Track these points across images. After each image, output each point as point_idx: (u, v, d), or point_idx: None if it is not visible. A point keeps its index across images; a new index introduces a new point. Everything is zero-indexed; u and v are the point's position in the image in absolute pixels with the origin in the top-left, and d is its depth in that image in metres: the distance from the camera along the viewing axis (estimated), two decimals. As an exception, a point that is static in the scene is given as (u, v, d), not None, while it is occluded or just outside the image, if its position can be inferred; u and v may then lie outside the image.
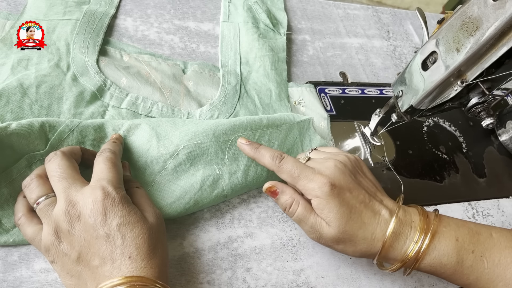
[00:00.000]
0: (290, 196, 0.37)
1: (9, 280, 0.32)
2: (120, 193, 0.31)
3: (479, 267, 0.36)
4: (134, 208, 0.31)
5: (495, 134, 0.61)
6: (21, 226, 0.32)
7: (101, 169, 0.32)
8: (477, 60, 0.37)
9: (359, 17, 0.67)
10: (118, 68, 0.44)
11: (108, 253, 0.29)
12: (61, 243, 0.30)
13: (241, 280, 0.38)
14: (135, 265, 0.29)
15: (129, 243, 0.29)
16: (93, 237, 0.29)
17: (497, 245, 0.37)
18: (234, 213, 0.42)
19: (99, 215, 0.29)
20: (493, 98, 0.40)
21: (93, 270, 0.29)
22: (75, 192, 0.30)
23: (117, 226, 0.29)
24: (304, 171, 0.37)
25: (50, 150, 0.35)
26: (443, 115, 0.60)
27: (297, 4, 0.63)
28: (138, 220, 0.30)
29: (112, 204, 0.29)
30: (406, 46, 0.67)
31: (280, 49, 0.53)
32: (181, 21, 0.54)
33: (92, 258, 0.29)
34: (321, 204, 0.36)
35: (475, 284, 0.37)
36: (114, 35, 0.48)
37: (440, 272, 0.37)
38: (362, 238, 0.36)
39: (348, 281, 0.42)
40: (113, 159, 0.33)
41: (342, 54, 0.61)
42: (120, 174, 0.33)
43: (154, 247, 0.31)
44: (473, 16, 0.35)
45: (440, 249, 0.36)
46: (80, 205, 0.29)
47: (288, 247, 0.42)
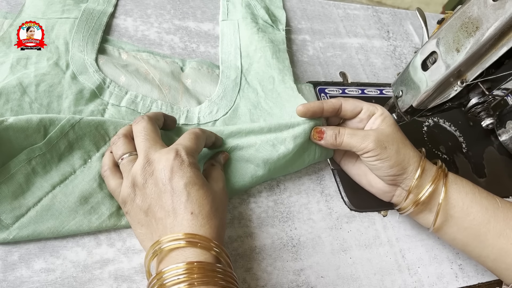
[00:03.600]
0: (334, 127, 0.42)
1: (9, 280, 0.32)
2: (190, 158, 0.33)
3: (494, 202, 0.40)
4: (201, 174, 0.34)
5: (495, 134, 0.61)
6: (106, 178, 0.36)
7: (183, 137, 0.35)
8: (477, 60, 0.37)
9: (359, 17, 0.67)
10: (116, 66, 0.44)
11: (172, 207, 0.31)
12: (136, 195, 0.33)
13: (241, 280, 0.38)
14: (195, 221, 0.31)
15: (193, 201, 0.31)
16: (162, 191, 0.32)
17: (503, 199, 0.41)
18: (234, 213, 0.42)
19: (168, 172, 0.32)
20: (493, 98, 0.41)
21: (158, 222, 0.32)
22: (153, 151, 0.33)
23: (184, 185, 0.31)
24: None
25: (48, 144, 0.35)
26: (443, 115, 0.60)
27: (297, 4, 0.63)
28: (204, 184, 0.33)
29: (181, 164, 0.32)
30: (406, 46, 0.67)
31: (280, 42, 0.53)
32: (181, 21, 0.54)
33: (158, 210, 0.32)
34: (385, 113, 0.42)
35: (494, 222, 0.39)
36: (114, 35, 0.48)
37: (464, 194, 0.40)
38: (410, 144, 0.41)
39: (348, 281, 0.42)
40: (198, 133, 0.36)
41: (342, 54, 0.61)
42: (199, 147, 0.36)
43: (216, 210, 0.33)
44: (473, 16, 0.35)
45: (457, 175, 0.41)
46: (155, 163, 0.32)
47: (288, 247, 0.42)
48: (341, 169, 0.48)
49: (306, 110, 0.41)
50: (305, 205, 0.45)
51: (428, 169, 0.41)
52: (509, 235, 0.38)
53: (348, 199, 0.47)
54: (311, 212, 0.45)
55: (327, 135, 0.41)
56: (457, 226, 0.40)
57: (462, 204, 0.39)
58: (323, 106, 0.42)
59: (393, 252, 0.45)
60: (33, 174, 0.35)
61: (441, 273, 0.46)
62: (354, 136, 0.40)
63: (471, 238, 0.40)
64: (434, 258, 0.46)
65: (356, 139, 0.40)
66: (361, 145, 0.40)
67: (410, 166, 0.40)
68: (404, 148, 0.40)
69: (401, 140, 0.40)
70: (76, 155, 0.37)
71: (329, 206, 0.46)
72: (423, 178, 0.40)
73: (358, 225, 0.46)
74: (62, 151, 0.36)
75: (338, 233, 0.44)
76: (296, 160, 0.45)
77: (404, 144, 0.40)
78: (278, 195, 0.44)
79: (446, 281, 0.45)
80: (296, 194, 0.45)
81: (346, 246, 0.44)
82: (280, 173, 0.45)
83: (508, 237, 0.38)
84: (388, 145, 0.39)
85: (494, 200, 0.40)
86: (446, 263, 0.47)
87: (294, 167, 0.45)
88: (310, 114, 0.41)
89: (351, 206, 0.46)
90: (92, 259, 0.35)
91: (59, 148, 0.36)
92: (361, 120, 0.43)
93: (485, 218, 0.39)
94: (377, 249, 0.45)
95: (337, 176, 0.48)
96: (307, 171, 0.47)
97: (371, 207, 0.47)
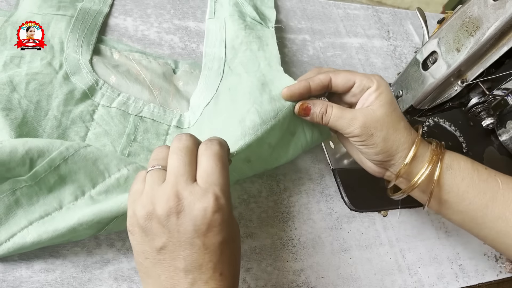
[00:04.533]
0: (321, 104, 0.38)
1: (9, 280, 0.32)
2: (229, 205, 0.28)
3: (494, 184, 0.37)
4: (235, 221, 0.30)
5: (495, 134, 0.61)
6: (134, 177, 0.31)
7: (212, 169, 0.28)
8: (477, 60, 0.37)
9: (359, 17, 0.67)
10: (107, 66, 0.44)
11: (199, 264, 0.27)
12: (150, 222, 0.27)
13: (241, 280, 0.38)
14: (224, 283, 0.27)
15: (224, 261, 0.28)
16: (188, 242, 0.27)
17: (507, 176, 0.39)
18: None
19: (204, 226, 0.26)
20: (493, 98, 0.40)
21: (173, 269, 0.27)
22: (184, 184, 0.27)
23: (219, 243, 0.27)
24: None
25: (33, 178, 0.32)
26: (443, 115, 0.60)
27: (297, 4, 0.63)
28: (236, 236, 0.29)
29: (221, 218, 0.27)
30: (406, 46, 0.67)
31: (268, 37, 0.50)
32: (181, 21, 0.53)
33: (177, 258, 0.27)
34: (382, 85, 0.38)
35: (492, 206, 0.37)
36: (114, 35, 0.48)
37: (460, 179, 0.38)
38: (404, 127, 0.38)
39: (348, 281, 0.42)
40: (223, 158, 0.29)
41: (342, 54, 0.61)
42: (228, 175, 0.30)
43: (239, 263, 0.30)
44: (473, 16, 0.35)
45: (456, 155, 0.39)
46: (185, 203, 0.27)
47: (288, 247, 0.42)
48: (342, 169, 0.48)
49: (291, 93, 0.38)
50: (305, 205, 0.45)
51: (421, 155, 0.38)
52: (508, 218, 0.36)
53: (348, 199, 0.46)
54: (311, 212, 0.44)
55: (314, 114, 0.38)
56: (452, 209, 0.39)
57: (457, 190, 0.38)
58: (310, 86, 0.38)
59: (393, 252, 0.45)
60: (15, 205, 0.33)
61: (441, 273, 0.46)
62: (340, 119, 0.37)
63: (467, 220, 0.39)
64: (434, 258, 0.46)
65: (342, 122, 0.37)
66: (346, 129, 0.37)
67: (399, 153, 0.37)
68: (395, 133, 0.37)
69: (392, 124, 0.37)
70: (68, 189, 0.34)
71: (329, 206, 0.46)
72: (413, 165, 0.38)
73: (358, 225, 0.46)
74: (52, 184, 0.33)
75: (338, 233, 0.44)
76: (285, 146, 0.42)
77: (395, 129, 0.37)
78: (278, 195, 0.44)
79: (446, 281, 0.45)
80: (296, 194, 0.45)
81: (346, 246, 0.44)
82: (270, 164, 0.43)
83: (507, 220, 0.37)
84: (375, 132, 0.37)
85: (495, 182, 0.38)
86: (446, 263, 0.46)
87: (288, 155, 0.43)
88: (296, 97, 0.38)
89: (351, 206, 0.46)
90: (92, 259, 0.35)
91: (48, 181, 0.33)
92: (354, 94, 0.39)
93: (483, 203, 0.37)
94: (377, 249, 0.45)
95: (337, 176, 0.48)
96: (307, 171, 0.47)
97: (371, 207, 0.47)
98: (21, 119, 0.37)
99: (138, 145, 0.41)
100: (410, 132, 0.38)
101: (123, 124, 0.41)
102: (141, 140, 0.42)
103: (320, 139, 0.43)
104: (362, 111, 0.37)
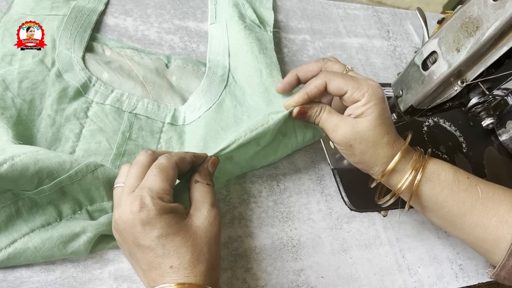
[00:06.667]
0: (316, 106, 0.40)
1: (9, 280, 0.32)
2: (158, 204, 0.30)
3: (474, 194, 0.38)
4: (174, 217, 0.30)
5: (495, 134, 0.61)
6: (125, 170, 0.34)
7: (148, 176, 0.31)
8: (477, 60, 0.37)
9: (359, 17, 0.67)
10: (99, 62, 0.44)
11: (151, 261, 0.29)
12: (115, 232, 0.32)
13: (241, 280, 0.38)
14: (177, 274, 0.29)
15: (170, 253, 0.29)
16: (136, 244, 0.30)
17: (489, 184, 0.39)
18: (234, 213, 0.42)
19: (138, 227, 0.29)
20: (493, 98, 0.40)
21: (141, 270, 0.31)
22: (126, 194, 0.31)
23: (156, 238, 0.29)
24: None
25: (38, 194, 0.32)
26: (443, 115, 0.60)
27: (297, 4, 0.63)
28: (179, 230, 0.30)
29: (147, 216, 0.29)
30: (406, 46, 0.67)
31: (267, 41, 0.51)
32: (181, 21, 0.53)
33: (140, 261, 0.30)
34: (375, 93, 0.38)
35: (470, 214, 0.38)
36: (114, 34, 0.48)
37: (439, 190, 0.38)
38: (386, 142, 0.38)
39: (348, 281, 0.42)
40: (162, 165, 0.32)
41: (342, 54, 0.61)
42: (169, 179, 0.32)
43: (199, 254, 0.30)
44: (473, 16, 0.35)
45: (439, 165, 0.39)
46: (121, 210, 0.30)
47: (288, 247, 0.42)
48: (342, 169, 0.48)
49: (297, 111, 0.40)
50: (305, 205, 0.45)
51: (400, 169, 0.39)
52: (486, 226, 0.38)
53: (348, 199, 0.47)
54: (311, 212, 0.45)
55: (310, 115, 0.40)
56: (432, 214, 0.41)
57: (436, 200, 0.39)
58: (309, 97, 0.40)
59: (393, 252, 0.45)
60: (16, 215, 0.33)
61: (441, 273, 0.46)
62: (326, 122, 0.39)
63: (446, 225, 0.41)
64: (434, 258, 0.46)
65: (327, 126, 0.39)
66: (330, 134, 0.39)
67: (377, 166, 0.39)
68: (374, 147, 0.38)
69: (373, 139, 0.37)
70: (67, 203, 0.35)
71: (329, 206, 0.46)
72: (391, 177, 0.39)
73: (358, 225, 0.46)
74: (53, 198, 0.34)
75: (338, 233, 0.44)
76: (274, 146, 0.43)
77: (375, 144, 0.38)
78: (278, 195, 0.44)
79: (446, 281, 0.45)
80: (296, 194, 0.45)
81: (346, 246, 0.44)
82: (256, 162, 0.43)
83: (485, 228, 0.38)
84: (354, 143, 0.38)
85: (475, 192, 0.38)
86: (446, 263, 0.47)
87: (277, 155, 0.44)
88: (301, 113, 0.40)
89: (351, 206, 0.46)
90: (92, 259, 0.35)
91: (50, 195, 0.33)
92: (345, 101, 0.40)
93: (461, 211, 0.38)
94: (377, 249, 0.45)
95: (337, 176, 0.48)
96: (307, 171, 0.47)
97: (371, 207, 0.47)
98: (16, 117, 0.37)
99: (133, 143, 0.41)
100: (392, 147, 0.38)
101: (118, 121, 0.42)
102: (136, 138, 0.42)
103: (312, 139, 0.45)
104: (346, 121, 0.38)
